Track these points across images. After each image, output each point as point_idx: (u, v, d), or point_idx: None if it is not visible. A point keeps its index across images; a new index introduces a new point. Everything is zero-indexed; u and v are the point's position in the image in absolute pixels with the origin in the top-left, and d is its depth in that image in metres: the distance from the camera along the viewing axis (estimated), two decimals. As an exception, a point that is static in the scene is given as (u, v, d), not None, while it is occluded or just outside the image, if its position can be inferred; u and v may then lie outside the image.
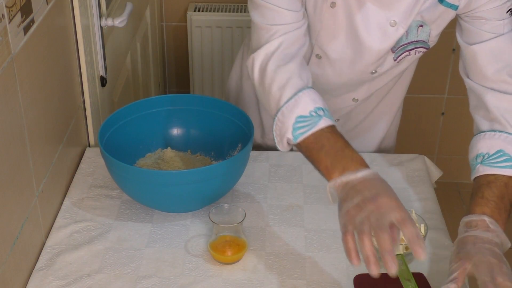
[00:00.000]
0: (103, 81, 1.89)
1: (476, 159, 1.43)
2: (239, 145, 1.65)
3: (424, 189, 1.65)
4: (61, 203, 1.60)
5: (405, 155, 1.77)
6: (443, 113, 3.13)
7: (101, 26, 1.84)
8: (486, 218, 1.32)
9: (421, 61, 2.98)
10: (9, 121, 1.29)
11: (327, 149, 1.29)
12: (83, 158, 1.76)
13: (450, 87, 3.06)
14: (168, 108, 1.71)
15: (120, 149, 1.60)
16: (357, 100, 1.72)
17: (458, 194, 3.24)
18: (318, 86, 1.52)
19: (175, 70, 3.15)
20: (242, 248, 1.42)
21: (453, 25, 1.55)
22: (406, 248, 1.39)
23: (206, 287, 1.37)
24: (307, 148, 1.33)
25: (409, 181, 1.68)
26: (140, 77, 2.49)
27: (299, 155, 1.74)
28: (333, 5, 1.47)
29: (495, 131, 1.43)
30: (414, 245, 1.13)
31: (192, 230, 1.52)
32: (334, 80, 1.63)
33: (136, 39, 2.44)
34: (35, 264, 1.43)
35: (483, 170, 1.41)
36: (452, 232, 1.58)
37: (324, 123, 1.31)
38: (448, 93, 3.08)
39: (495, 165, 1.40)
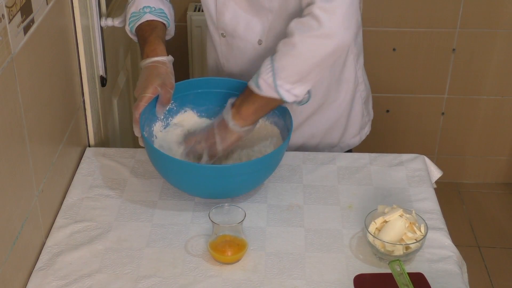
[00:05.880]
0: (103, 81, 1.89)
1: None
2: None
3: (424, 189, 1.65)
4: (61, 203, 1.60)
5: (405, 155, 1.77)
6: (443, 113, 3.13)
7: (101, 26, 1.84)
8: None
9: (421, 61, 3.01)
10: (9, 121, 1.29)
11: (143, 37, 1.65)
12: (83, 158, 1.76)
13: (450, 87, 3.06)
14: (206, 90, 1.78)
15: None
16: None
17: (458, 194, 3.24)
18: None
19: (175, 70, 3.13)
20: (242, 248, 1.42)
21: (453, 25, 1.55)
22: (406, 248, 1.39)
23: (206, 287, 1.37)
24: (137, 36, 1.68)
25: (409, 181, 1.68)
26: (140, 77, 2.49)
27: (299, 155, 1.75)
28: None
29: None
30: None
31: (192, 230, 1.52)
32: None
33: (136, 39, 2.44)
34: (35, 264, 1.43)
35: None
36: (452, 232, 1.58)
37: (145, 18, 1.65)
38: (448, 93, 3.07)
39: None
